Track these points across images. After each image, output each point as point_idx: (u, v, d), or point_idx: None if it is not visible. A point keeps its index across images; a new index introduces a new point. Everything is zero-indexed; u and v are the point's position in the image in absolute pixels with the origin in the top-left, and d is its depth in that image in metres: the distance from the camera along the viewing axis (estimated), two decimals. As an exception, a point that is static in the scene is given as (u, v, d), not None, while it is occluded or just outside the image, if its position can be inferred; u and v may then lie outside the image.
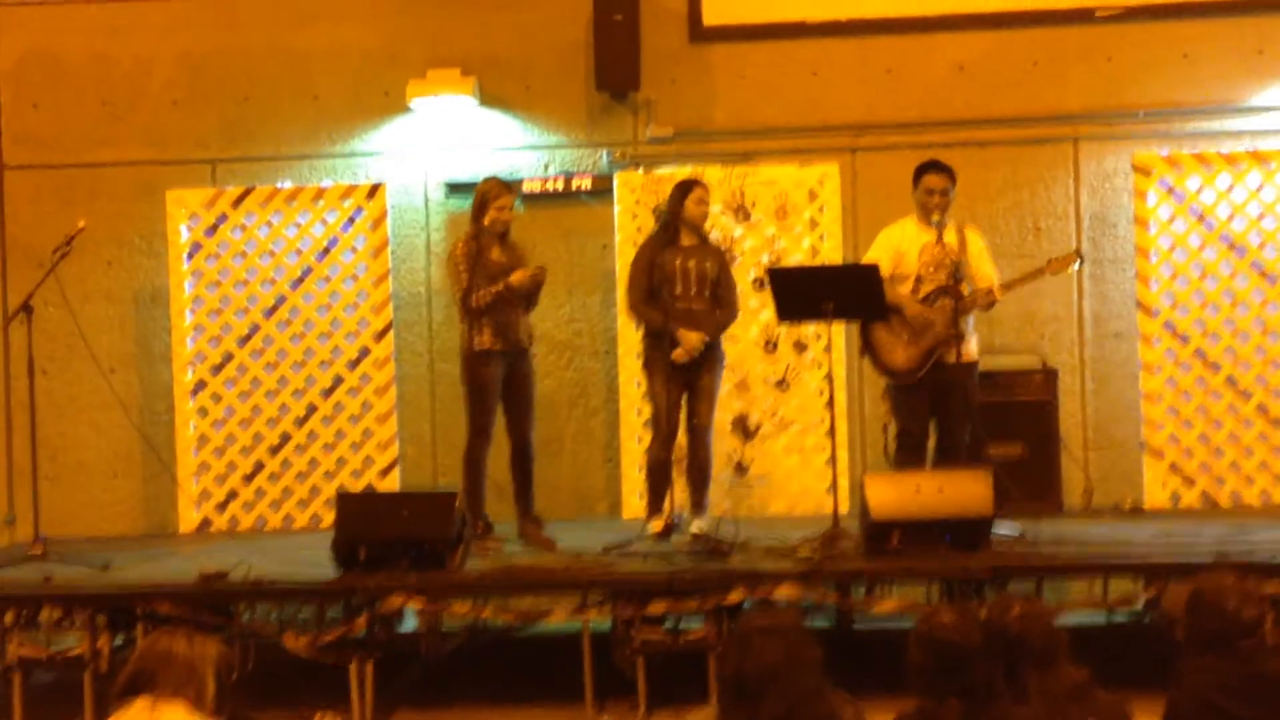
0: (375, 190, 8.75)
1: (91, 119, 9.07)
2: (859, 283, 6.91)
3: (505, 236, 7.29)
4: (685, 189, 7.26)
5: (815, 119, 8.77)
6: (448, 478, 8.54)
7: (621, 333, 8.55)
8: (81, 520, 8.79)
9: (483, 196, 7.27)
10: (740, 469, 8.52)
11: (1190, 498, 8.33)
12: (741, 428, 8.53)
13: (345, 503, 6.54)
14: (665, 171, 8.59)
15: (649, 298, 7.17)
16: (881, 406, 7.76)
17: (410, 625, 7.31)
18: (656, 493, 7.25)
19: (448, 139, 8.90)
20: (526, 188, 8.67)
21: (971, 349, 7.18)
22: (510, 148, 8.91)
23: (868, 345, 7.20)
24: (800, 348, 8.53)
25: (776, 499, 8.50)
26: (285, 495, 8.71)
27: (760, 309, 8.43)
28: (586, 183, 8.82)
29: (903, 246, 7.18)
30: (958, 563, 6.13)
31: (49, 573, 6.59)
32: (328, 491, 8.48)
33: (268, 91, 9.01)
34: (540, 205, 8.63)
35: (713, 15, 8.82)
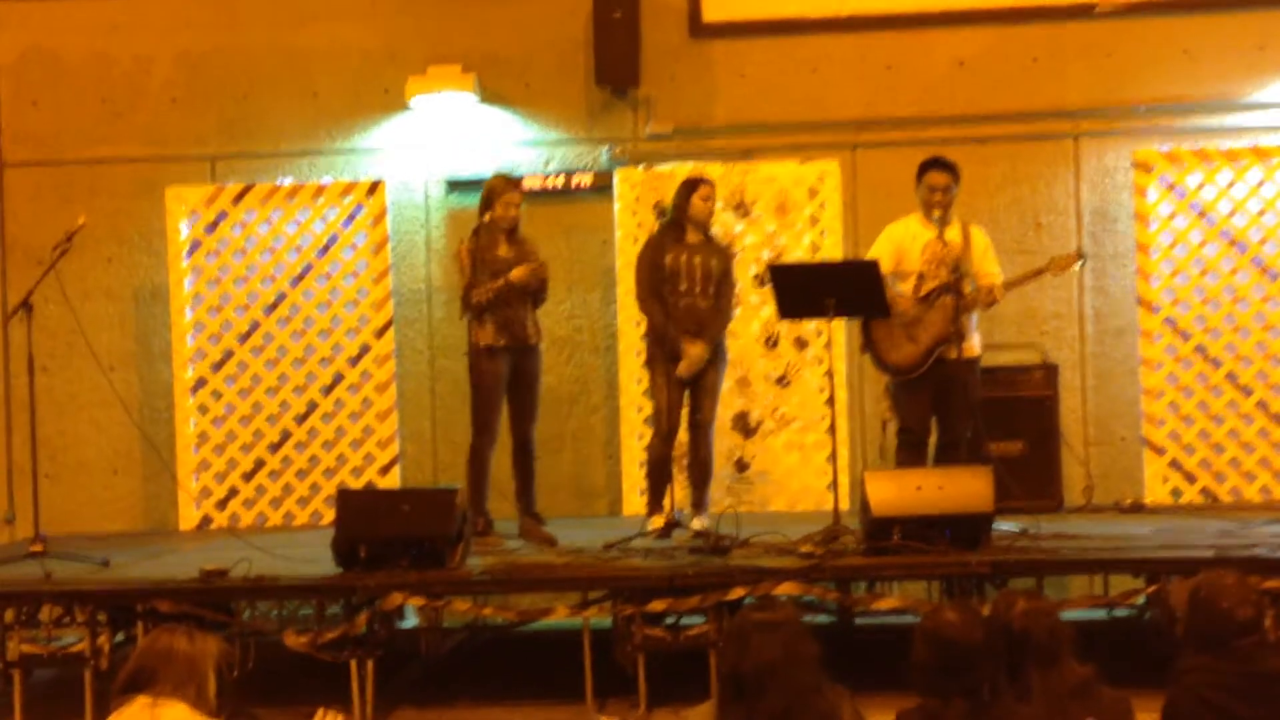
0: (375, 187, 8.74)
1: (91, 116, 9.06)
2: (860, 279, 6.91)
3: (514, 233, 7.28)
4: (691, 186, 7.26)
5: (815, 115, 8.77)
6: (448, 475, 8.53)
7: (622, 329, 8.55)
8: (82, 518, 8.80)
9: (489, 192, 7.27)
10: (741, 466, 8.51)
11: (1191, 494, 8.32)
12: (742, 424, 8.53)
13: (346, 500, 6.52)
14: (665, 168, 8.58)
15: (656, 295, 7.17)
16: (882, 403, 7.75)
17: (411, 622, 7.32)
18: (657, 490, 7.25)
19: (448, 136, 8.90)
20: (526, 184, 8.59)
21: (974, 345, 7.18)
22: (510, 144, 8.90)
23: (869, 342, 7.19)
24: (801, 344, 8.52)
25: (777, 496, 8.50)
26: (286, 492, 8.71)
27: (761, 305, 8.43)
28: (586, 179, 8.82)
29: (905, 244, 7.17)
30: (958, 559, 6.13)
31: (49, 570, 6.58)
32: (328, 489, 8.48)
33: (267, 89, 9.01)
34: (540, 202, 8.61)
35: (713, 11, 8.81)
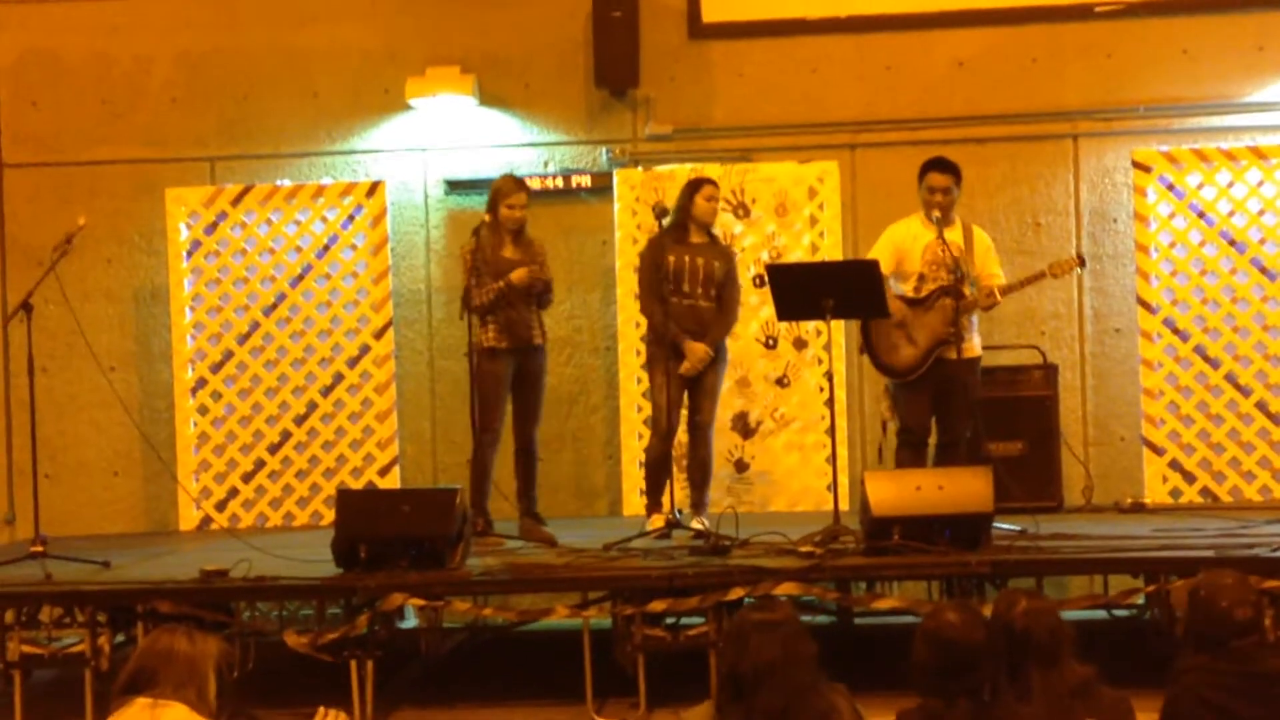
0: (375, 188, 8.74)
1: (91, 117, 9.07)
2: (859, 279, 6.90)
3: (520, 234, 7.28)
4: (695, 186, 7.26)
5: (815, 116, 8.77)
6: (448, 475, 8.54)
7: (622, 329, 8.55)
8: (82, 519, 8.80)
9: (495, 193, 7.27)
10: (741, 466, 8.51)
11: (1190, 494, 8.33)
12: (742, 425, 8.53)
13: (346, 500, 6.51)
14: (665, 169, 8.59)
15: (657, 295, 7.16)
16: (882, 404, 7.75)
17: (411, 623, 7.32)
18: (656, 490, 7.25)
19: (447, 137, 8.90)
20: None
21: (974, 345, 7.18)
22: (510, 145, 8.91)
23: (868, 344, 7.19)
24: (800, 345, 8.53)
25: (777, 496, 8.50)
26: (285, 493, 8.71)
27: (760, 306, 8.43)
28: (586, 180, 8.83)
29: (905, 244, 7.17)
30: (958, 559, 6.13)
31: (49, 571, 6.58)
32: (328, 489, 8.48)
33: (267, 89, 9.01)
34: (540, 203, 8.57)
35: (712, 12, 8.81)
